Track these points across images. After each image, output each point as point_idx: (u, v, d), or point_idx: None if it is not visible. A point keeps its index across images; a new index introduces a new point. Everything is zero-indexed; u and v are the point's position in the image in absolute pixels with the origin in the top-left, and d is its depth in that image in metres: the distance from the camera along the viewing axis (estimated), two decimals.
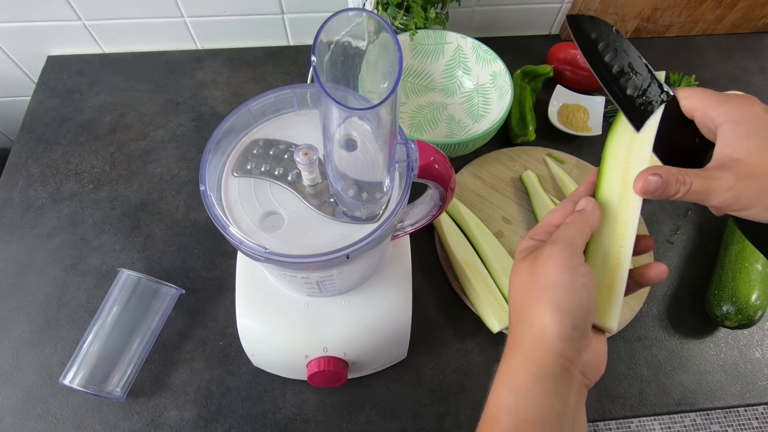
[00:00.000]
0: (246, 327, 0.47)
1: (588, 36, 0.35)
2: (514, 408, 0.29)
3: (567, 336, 0.29)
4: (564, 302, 0.30)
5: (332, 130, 0.32)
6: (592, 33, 0.35)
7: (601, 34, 0.35)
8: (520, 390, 0.29)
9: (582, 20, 0.36)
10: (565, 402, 0.29)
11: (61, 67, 0.79)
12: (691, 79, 0.79)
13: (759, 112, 0.30)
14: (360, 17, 0.29)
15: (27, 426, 0.53)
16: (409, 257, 0.50)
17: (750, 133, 0.30)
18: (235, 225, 0.36)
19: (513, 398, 0.29)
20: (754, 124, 0.30)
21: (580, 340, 0.30)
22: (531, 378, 0.29)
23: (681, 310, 0.63)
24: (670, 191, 0.30)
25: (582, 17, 0.36)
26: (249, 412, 0.54)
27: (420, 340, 0.58)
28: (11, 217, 0.66)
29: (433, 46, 0.74)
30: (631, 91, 0.34)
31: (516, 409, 0.29)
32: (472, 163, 0.71)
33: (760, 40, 0.90)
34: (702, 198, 0.30)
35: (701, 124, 0.32)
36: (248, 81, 0.80)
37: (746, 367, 0.60)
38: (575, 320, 0.30)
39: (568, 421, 0.29)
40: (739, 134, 0.30)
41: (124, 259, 0.63)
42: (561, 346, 0.29)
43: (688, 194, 0.30)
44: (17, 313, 0.59)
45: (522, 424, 0.28)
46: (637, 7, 0.82)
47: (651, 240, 0.35)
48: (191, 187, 0.69)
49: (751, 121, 0.30)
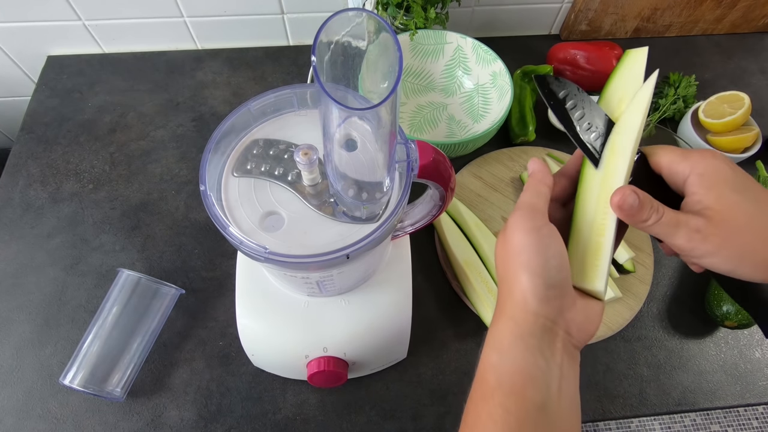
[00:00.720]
0: (246, 327, 0.47)
1: (556, 95, 0.38)
2: (498, 365, 0.31)
3: (542, 295, 0.31)
4: (532, 263, 0.31)
5: (332, 130, 0.32)
6: (560, 92, 0.38)
7: (569, 93, 0.38)
8: (504, 349, 0.31)
9: (549, 80, 0.38)
10: (548, 359, 0.30)
11: (61, 67, 0.79)
12: (691, 79, 0.79)
13: (721, 165, 0.32)
14: (360, 17, 0.29)
15: (27, 426, 0.53)
16: (409, 257, 0.50)
17: (715, 184, 0.31)
18: (235, 225, 0.36)
19: (497, 357, 0.31)
20: (718, 174, 0.31)
21: (558, 299, 0.31)
22: (512, 337, 0.31)
23: (681, 310, 0.63)
24: (642, 215, 0.32)
25: (549, 78, 0.38)
26: (249, 412, 0.54)
27: (420, 340, 0.58)
28: (11, 217, 0.66)
29: (433, 46, 0.74)
30: (600, 146, 0.37)
31: (500, 365, 0.31)
32: (472, 163, 0.71)
33: (760, 40, 0.90)
34: (670, 233, 0.31)
35: (669, 179, 0.34)
36: (248, 81, 0.80)
37: (746, 367, 0.60)
38: (547, 279, 0.31)
39: (553, 377, 0.30)
40: (705, 184, 0.31)
41: (124, 259, 0.63)
42: (538, 306, 0.31)
43: (658, 224, 0.31)
44: (17, 313, 0.59)
45: (507, 378, 0.30)
46: (637, 7, 0.82)
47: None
48: (191, 187, 0.69)
49: (715, 173, 0.32)
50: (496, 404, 0.30)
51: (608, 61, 0.76)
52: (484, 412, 0.30)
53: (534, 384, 0.30)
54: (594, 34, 0.87)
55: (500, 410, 0.29)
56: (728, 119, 0.70)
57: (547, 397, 0.29)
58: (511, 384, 0.30)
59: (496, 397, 0.30)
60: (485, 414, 0.30)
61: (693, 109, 0.74)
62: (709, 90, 0.81)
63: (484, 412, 0.30)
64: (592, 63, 0.76)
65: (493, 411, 0.30)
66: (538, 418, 0.29)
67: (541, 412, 0.29)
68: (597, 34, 0.87)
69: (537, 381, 0.30)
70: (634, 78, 0.37)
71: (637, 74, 0.37)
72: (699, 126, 0.74)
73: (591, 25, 0.85)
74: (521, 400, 0.29)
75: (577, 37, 0.87)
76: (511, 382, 0.30)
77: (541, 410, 0.29)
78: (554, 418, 0.29)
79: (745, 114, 0.70)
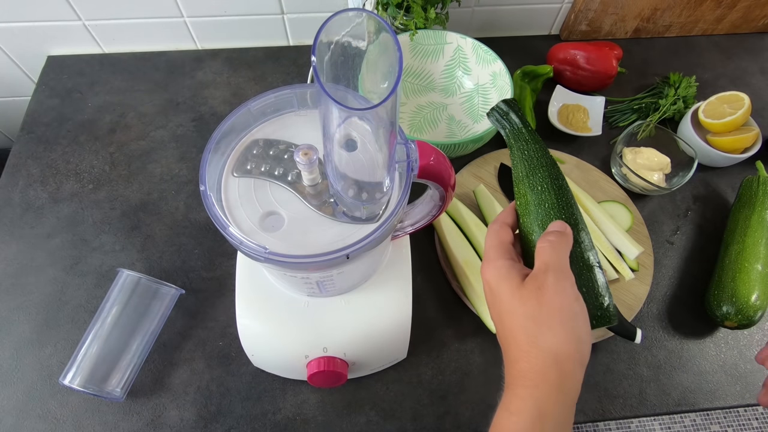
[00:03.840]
0: (246, 327, 0.47)
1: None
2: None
3: (586, 363, 0.33)
4: (583, 331, 0.33)
5: (332, 130, 0.32)
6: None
7: None
8: (556, 420, 0.31)
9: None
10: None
11: (61, 67, 0.79)
12: (691, 80, 0.79)
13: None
14: (360, 17, 0.29)
15: (27, 426, 0.53)
16: (409, 257, 0.50)
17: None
18: (235, 225, 0.36)
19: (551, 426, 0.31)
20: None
21: None
22: (566, 410, 0.32)
23: (681, 310, 0.63)
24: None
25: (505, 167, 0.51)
26: (249, 412, 0.54)
27: (420, 340, 0.58)
28: (11, 217, 0.66)
29: (433, 46, 0.74)
30: None
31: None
32: (472, 163, 0.71)
33: (760, 40, 0.90)
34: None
35: None
36: (248, 81, 0.80)
37: (746, 367, 0.60)
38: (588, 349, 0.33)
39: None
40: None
41: (124, 259, 0.63)
42: (582, 373, 0.33)
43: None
44: (17, 313, 0.59)
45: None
46: (637, 7, 0.82)
47: None
48: (191, 187, 0.69)
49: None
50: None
51: (608, 62, 0.76)
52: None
53: None
54: (594, 35, 0.87)
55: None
56: (728, 119, 0.70)
57: None
58: None
59: None
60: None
61: (693, 110, 0.74)
62: (709, 90, 0.81)
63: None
64: (592, 63, 0.76)
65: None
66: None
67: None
68: (597, 34, 0.87)
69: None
70: None
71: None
72: (699, 126, 0.74)
73: (591, 26, 0.85)
74: None
75: (577, 37, 0.87)
76: None
77: None
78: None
79: (745, 114, 0.70)
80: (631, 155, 0.70)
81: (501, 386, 0.34)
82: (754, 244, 0.61)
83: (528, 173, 0.41)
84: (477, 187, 0.68)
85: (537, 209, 0.39)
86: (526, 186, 0.41)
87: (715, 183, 0.74)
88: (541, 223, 0.39)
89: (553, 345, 0.32)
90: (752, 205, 0.65)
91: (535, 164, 0.41)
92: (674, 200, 0.72)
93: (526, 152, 0.42)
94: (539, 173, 0.40)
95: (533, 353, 0.32)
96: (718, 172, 0.75)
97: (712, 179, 0.74)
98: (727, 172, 0.75)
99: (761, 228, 0.62)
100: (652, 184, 0.67)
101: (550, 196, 0.39)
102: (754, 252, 0.60)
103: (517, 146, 0.42)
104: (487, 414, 0.55)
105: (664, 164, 0.69)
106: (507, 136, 0.43)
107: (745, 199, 0.66)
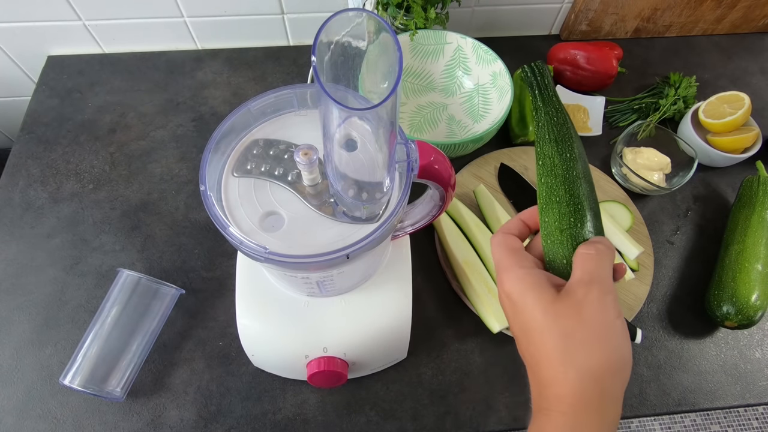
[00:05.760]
0: (246, 327, 0.47)
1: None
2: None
3: (626, 384, 0.31)
4: (625, 349, 0.30)
5: (332, 130, 0.32)
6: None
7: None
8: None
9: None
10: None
11: (61, 67, 0.79)
12: (691, 80, 0.79)
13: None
14: (360, 17, 0.29)
15: (27, 426, 0.53)
16: (409, 257, 0.50)
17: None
18: (235, 225, 0.36)
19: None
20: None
21: None
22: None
23: (681, 310, 0.63)
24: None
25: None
26: (249, 412, 0.54)
27: (420, 340, 0.58)
28: (11, 217, 0.66)
29: (433, 46, 0.74)
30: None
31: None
32: (472, 163, 0.71)
33: (760, 40, 0.90)
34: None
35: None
36: (248, 81, 0.80)
37: (746, 367, 0.60)
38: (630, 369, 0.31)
39: None
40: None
41: (124, 259, 0.63)
42: (622, 394, 0.30)
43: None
44: (17, 313, 0.59)
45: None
46: (637, 7, 0.82)
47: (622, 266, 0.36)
48: (191, 187, 0.69)
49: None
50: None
51: (608, 62, 0.76)
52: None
53: None
54: (594, 35, 0.87)
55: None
56: (728, 119, 0.70)
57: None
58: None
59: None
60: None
61: (693, 110, 0.74)
62: (709, 90, 0.81)
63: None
64: (592, 63, 0.76)
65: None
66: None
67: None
68: (597, 34, 0.87)
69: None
70: None
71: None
72: (699, 126, 0.74)
73: (591, 26, 0.85)
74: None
75: (577, 37, 0.87)
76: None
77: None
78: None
79: (745, 114, 0.70)
80: (631, 155, 0.70)
81: (528, 407, 0.33)
82: (754, 244, 0.61)
83: (558, 139, 0.38)
84: (477, 187, 0.68)
85: (565, 174, 0.37)
86: (554, 149, 0.38)
87: (715, 183, 0.74)
88: (569, 188, 0.36)
89: (594, 366, 0.29)
90: (752, 205, 0.65)
91: (564, 132, 0.39)
92: (674, 200, 0.72)
93: (555, 118, 0.40)
94: (568, 142, 0.38)
95: (571, 375, 0.29)
96: (718, 172, 0.75)
97: (712, 179, 0.74)
98: (727, 172, 0.75)
99: (761, 228, 0.62)
100: (652, 184, 0.67)
101: (577, 165, 0.37)
102: (755, 252, 0.60)
103: (545, 110, 0.40)
104: (488, 414, 0.55)
105: (664, 164, 0.69)
106: (535, 97, 0.42)
107: (745, 199, 0.66)
